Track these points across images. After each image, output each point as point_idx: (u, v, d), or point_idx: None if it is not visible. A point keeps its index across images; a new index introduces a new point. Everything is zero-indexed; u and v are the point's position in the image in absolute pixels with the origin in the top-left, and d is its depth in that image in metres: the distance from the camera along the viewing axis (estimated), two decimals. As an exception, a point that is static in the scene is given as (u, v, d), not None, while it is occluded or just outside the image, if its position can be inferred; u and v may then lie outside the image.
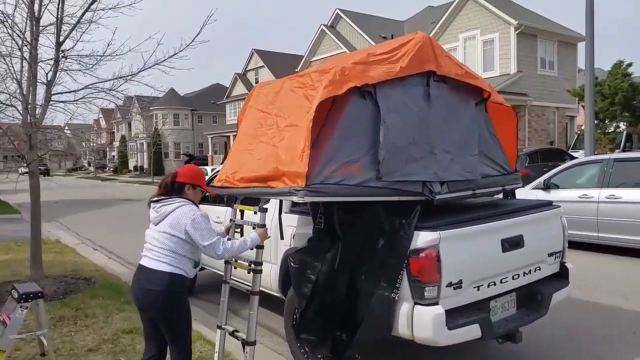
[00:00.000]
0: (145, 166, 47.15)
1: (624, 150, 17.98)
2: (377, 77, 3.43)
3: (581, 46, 22.07)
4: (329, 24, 30.77)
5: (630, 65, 20.58)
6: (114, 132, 62.24)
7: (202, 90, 53.63)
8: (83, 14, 5.90)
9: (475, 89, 4.10)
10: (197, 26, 6.16)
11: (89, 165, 63.45)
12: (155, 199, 3.11)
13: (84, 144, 51.97)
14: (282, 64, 36.84)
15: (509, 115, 4.50)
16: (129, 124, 55.87)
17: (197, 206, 3.15)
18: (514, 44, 21.61)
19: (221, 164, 5.15)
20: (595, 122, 17.30)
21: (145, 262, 3.03)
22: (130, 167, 53.03)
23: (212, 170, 13.16)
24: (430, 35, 21.95)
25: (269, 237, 3.58)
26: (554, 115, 23.76)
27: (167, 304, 2.93)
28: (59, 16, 5.87)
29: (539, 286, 3.76)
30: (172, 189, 3.13)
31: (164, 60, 5.96)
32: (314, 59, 30.60)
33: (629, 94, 19.80)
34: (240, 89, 41.36)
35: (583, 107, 14.85)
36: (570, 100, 23.04)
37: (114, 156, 60.30)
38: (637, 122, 20.26)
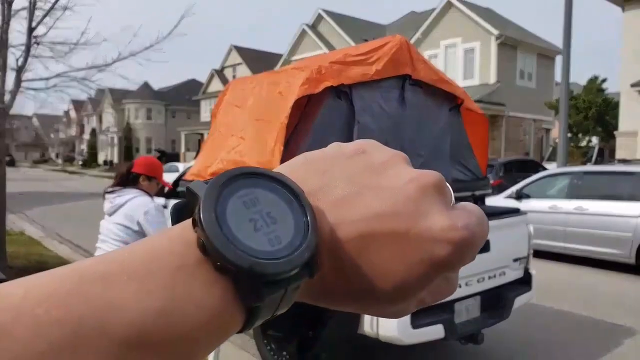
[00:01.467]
0: (116, 160, 46.27)
1: (595, 164, 18.49)
2: (352, 77, 3.46)
3: (559, 60, 22.64)
4: (310, 24, 30.72)
5: (604, 80, 21.20)
6: (83, 124, 60.85)
7: (177, 85, 52.42)
8: (57, 0, 5.79)
9: (449, 95, 4.16)
10: (175, 15, 6.09)
11: (57, 157, 61.99)
12: (109, 189, 3.05)
13: (52, 135, 50.71)
14: (260, 61, 36.50)
15: (481, 122, 4.58)
16: (100, 117, 54.70)
17: (153, 198, 3.10)
18: (494, 54, 21.96)
19: (193, 159, 5.11)
20: (569, 135, 17.74)
21: (99, 254, 2.92)
22: (100, 161, 51.92)
23: (184, 167, 13.01)
24: (412, 41, 22.27)
25: None
26: (530, 127, 24.22)
27: None
28: (32, 0, 5.74)
29: (502, 290, 3.82)
30: (127, 180, 3.06)
31: (140, 52, 5.89)
32: (294, 58, 30.50)
33: (602, 109, 20.37)
34: (216, 85, 40.79)
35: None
36: (547, 112, 23.54)
37: (83, 149, 58.99)
38: (608, 137, 20.86)
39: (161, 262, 0.28)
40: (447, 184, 0.34)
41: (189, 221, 0.30)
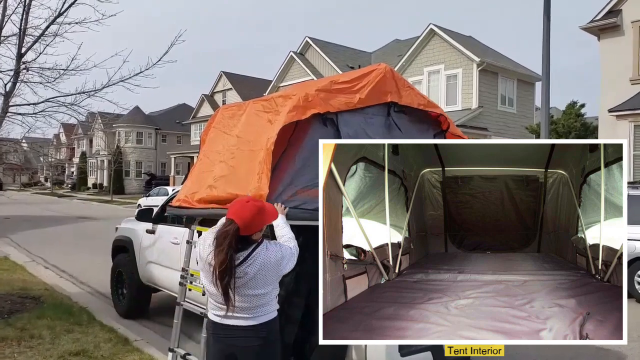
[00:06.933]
0: (105, 184, 45.89)
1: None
2: (337, 106, 3.54)
3: (539, 85, 23.14)
4: (298, 51, 31.19)
5: (583, 106, 21.69)
6: (74, 147, 60.41)
7: (167, 109, 52.77)
8: (47, 27, 5.84)
9: (434, 121, 4.26)
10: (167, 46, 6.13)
11: (46, 180, 61.23)
12: None
13: (41, 159, 50.25)
14: (250, 87, 36.94)
15: (465, 148, 4.67)
16: (91, 140, 54.46)
17: None
18: (476, 80, 22.48)
19: (182, 183, 5.12)
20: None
21: None
22: (90, 185, 51.47)
23: (173, 190, 12.94)
24: (396, 67, 22.69)
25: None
26: (512, 150, 24.67)
27: None
28: (22, 27, 5.80)
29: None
30: None
31: (129, 77, 5.92)
32: (282, 84, 30.85)
33: (582, 133, 20.83)
34: (206, 110, 41.10)
35: (539, 143, 15.49)
36: (528, 136, 23.99)
37: (72, 172, 58.40)
38: (588, 160, 21.22)
39: None
40: None
41: None
